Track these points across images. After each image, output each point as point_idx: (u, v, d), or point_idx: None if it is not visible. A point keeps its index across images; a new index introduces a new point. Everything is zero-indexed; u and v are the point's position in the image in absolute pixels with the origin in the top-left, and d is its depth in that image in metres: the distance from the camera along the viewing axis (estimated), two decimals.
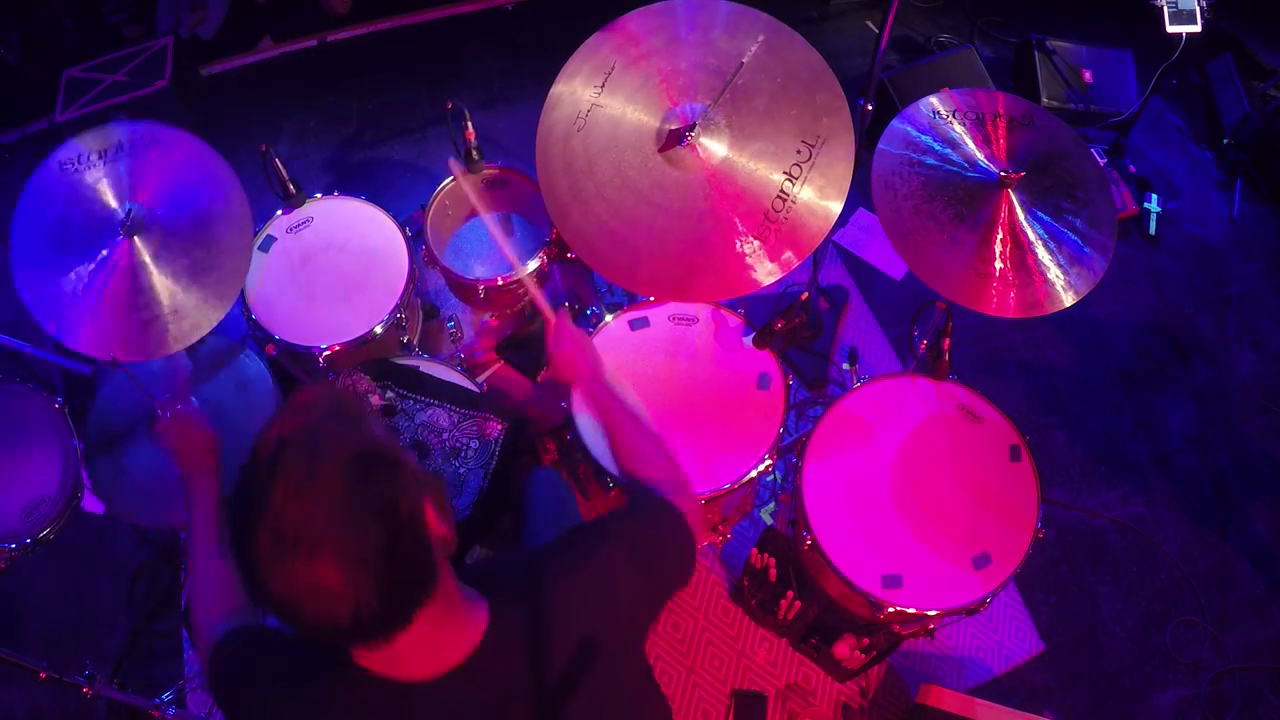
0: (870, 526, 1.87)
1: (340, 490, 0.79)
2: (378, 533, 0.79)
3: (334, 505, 0.78)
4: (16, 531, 1.75)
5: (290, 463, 0.79)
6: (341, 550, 0.78)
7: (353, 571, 0.78)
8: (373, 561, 0.79)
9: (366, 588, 0.79)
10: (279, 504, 0.77)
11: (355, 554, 0.78)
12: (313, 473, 0.79)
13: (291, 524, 0.77)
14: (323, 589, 0.78)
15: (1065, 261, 1.74)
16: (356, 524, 0.79)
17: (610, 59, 1.80)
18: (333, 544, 0.77)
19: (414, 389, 2.00)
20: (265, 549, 0.78)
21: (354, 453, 0.81)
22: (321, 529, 0.77)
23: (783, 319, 1.92)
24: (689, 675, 2.27)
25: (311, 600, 0.78)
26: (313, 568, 0.77)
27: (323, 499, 0.78)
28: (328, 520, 0.77)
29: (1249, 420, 2.80)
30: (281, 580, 0.78)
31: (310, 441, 0.81)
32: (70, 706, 2.29)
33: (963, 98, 1.86)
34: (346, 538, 0.78)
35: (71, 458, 1.84)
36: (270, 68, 3.71)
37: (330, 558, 0.77)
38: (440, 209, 2.36)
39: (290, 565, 0.77)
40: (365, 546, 0.79)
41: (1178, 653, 2.38)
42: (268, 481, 0.78)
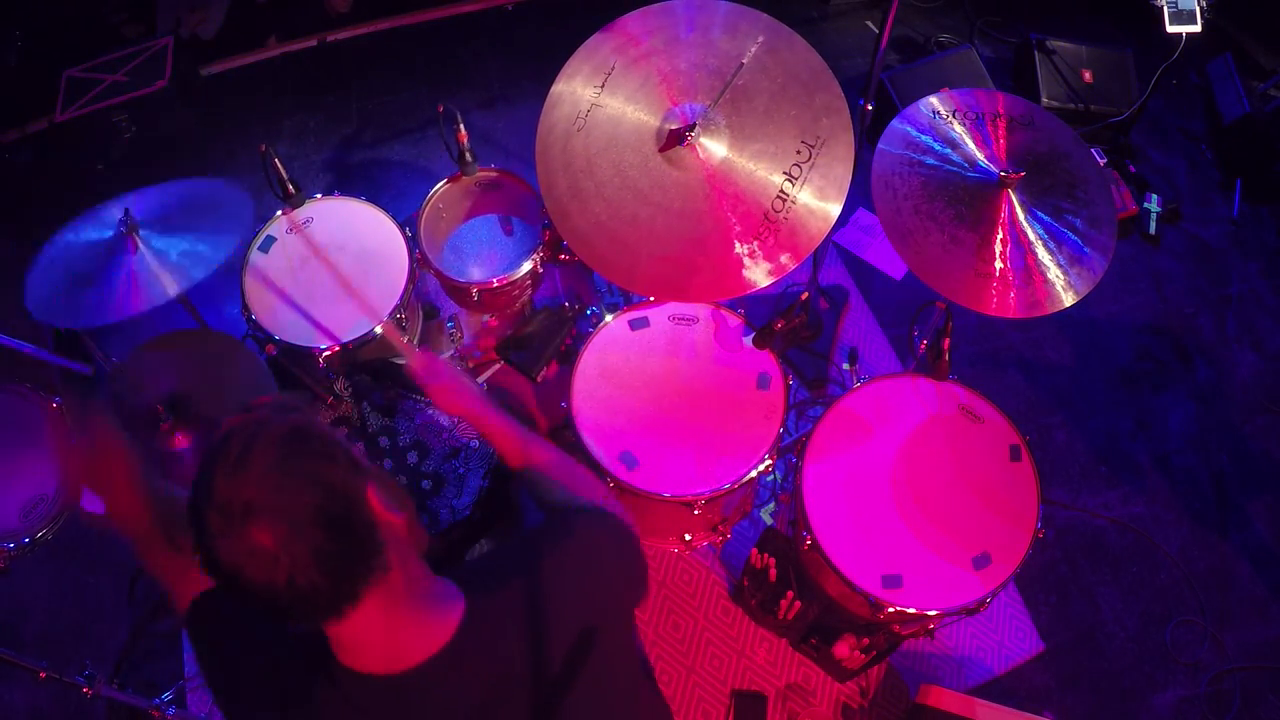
0: (870, 526, 1.87)
1: (270, 461, 0.83)
2: (309, 497, 0.83)
3: (264, 473, 0.83)
4: (15, 531, 1.75)
5: (229, 448, 0.84)
6: (273, 514, 0.82)
7: (285, 535, 0.82)
8: (305, 526, 0.83)
9: (302, 553, 0.82)
10: (218, 486, 0.82)
11: (286, 516, 0.82)
12: (247, 450, 0.84)
13: (229, 500, 0.81)
14: (258, 551, 0.81)
15: (1065, 261, 1.74)
16: (286, 489, 0.83)
17: (610, 59, 1.80)
18: (265, 509, 0.81)
19: (414, 389, 2.00)
20: (213, 527, 0.82)
21: (286, 430, 0.86)
22: (254, 496, 0.82)
23: (783, 319, 1.92)
24: (689, 675, 2.27)
25: (250, 565, 0.82)
26: (249, 533, 0.81)
27: (255, 470, 0.83)
28: (258, 487, 0.82)
29: (1249, 420, 2.80)
30: (226, 550, 0.82)
31: (248, 428, 0.86)
32: (70, 706, 2.29)
33: (963, 98, 1.86)
34: (278, 502, 0.82)
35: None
36: (270, 68, 3.70)
37: (264, 522, 0.81)
38: (433, 212, 2.35)
39: (232, 535, 0.81)
40: (295, 510, 0.83)
41: (1178, 653, 2.38)
42: (210, 469, 0.83)
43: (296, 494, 0.83)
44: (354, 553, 0.87)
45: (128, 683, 2.24)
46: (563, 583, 1.04)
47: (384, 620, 0.91)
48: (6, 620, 2.45)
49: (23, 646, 2.32)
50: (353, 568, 0.87)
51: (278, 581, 0.82)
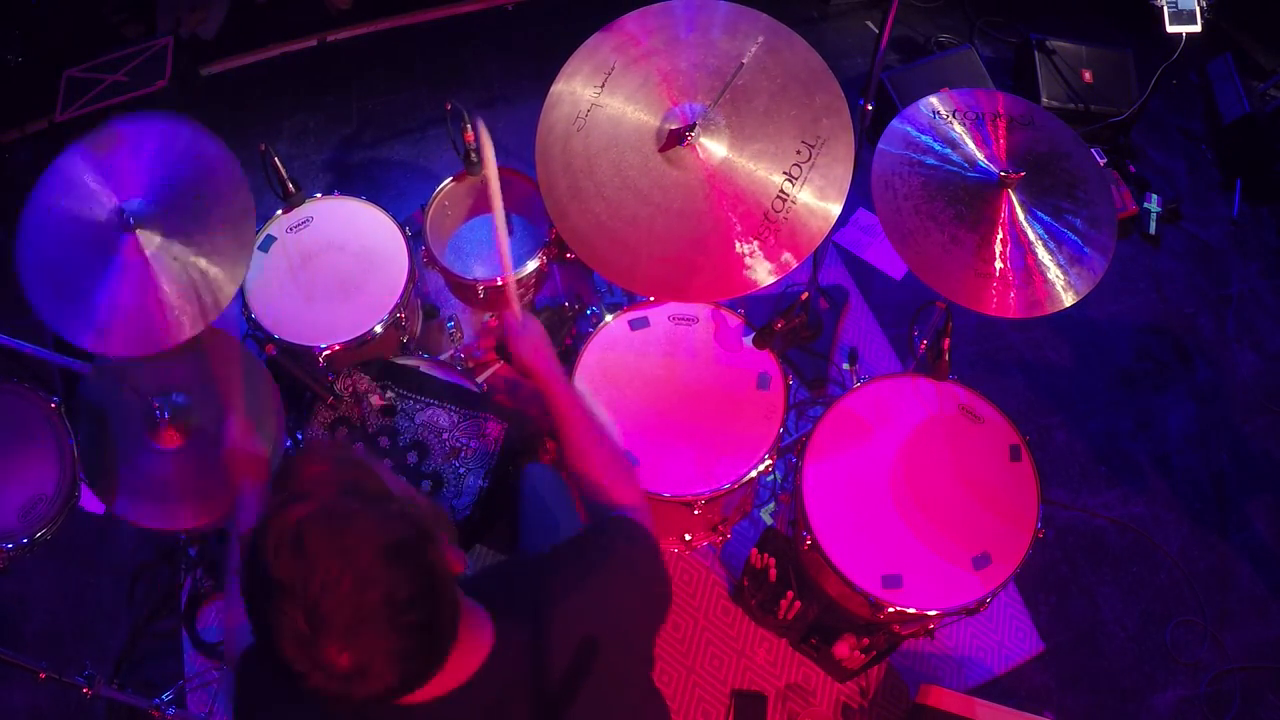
0: (870, 526, 1.87)
1: (383, 586, 0.78)
2: (418, 615, 0.80)
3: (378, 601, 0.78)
4: (14, 531, 1.75)
5: (319, 550, 0.78)
6: (387, 642, 0.78)
7: (396, 658, 0.79)
8: (413, 642, 0.80)
9: (410, 662, 0.81)
10: (314, 594, 0.76)
11: (399, 643, 0.79)
12: (348, 565, 0.77)
13: (331, 616, 0.76)
14: (360, 670, 0.78)
15: (1065, 261, 1.74)
16: (399, 611, 0.79)
17: (610, 59, 1.80)
18: (378, 639, 0.78)
19: (414, 389, 2.00)
20: (293, 632, 0.77)
21: (388, 542, 0.81)
22: (364, 620, 0.77)
23: (783, 319, 1.92)
24: (689, 675, 2.27)
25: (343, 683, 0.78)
26: (353, 658, 0.77)
27: (364, 594, 0.77)
28: (372, 616, 0.77)
29: (1249, 420, 2.80)
30: (311, 662, 0.77)
31: (335, 525, 0.80)
32: (70, 706, 2.29)
33: (963, 98, 1.86)
34: (391, 630, 0.78)
35: (68, 457, 1.84)
36: (270, 68, 3.70)
37: (375, 650, 0.78)
38: (439, 209, 2.36)
39: (325, 651, 0.77)
40: (407, 632, 0.80)
41: (1178, 653, 2.38)
42: (295, 568, 0.77)
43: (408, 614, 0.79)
44: (446, 632, 0.85)
45: (128, 683, 2.24)
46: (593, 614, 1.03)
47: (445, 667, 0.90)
48: (7, 620, 2.45)
49: (23, 646, 2.32)
50: (445, 645, 0.86)
51: (374, 690, 0.79)
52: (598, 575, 1.07)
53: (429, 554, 0.83)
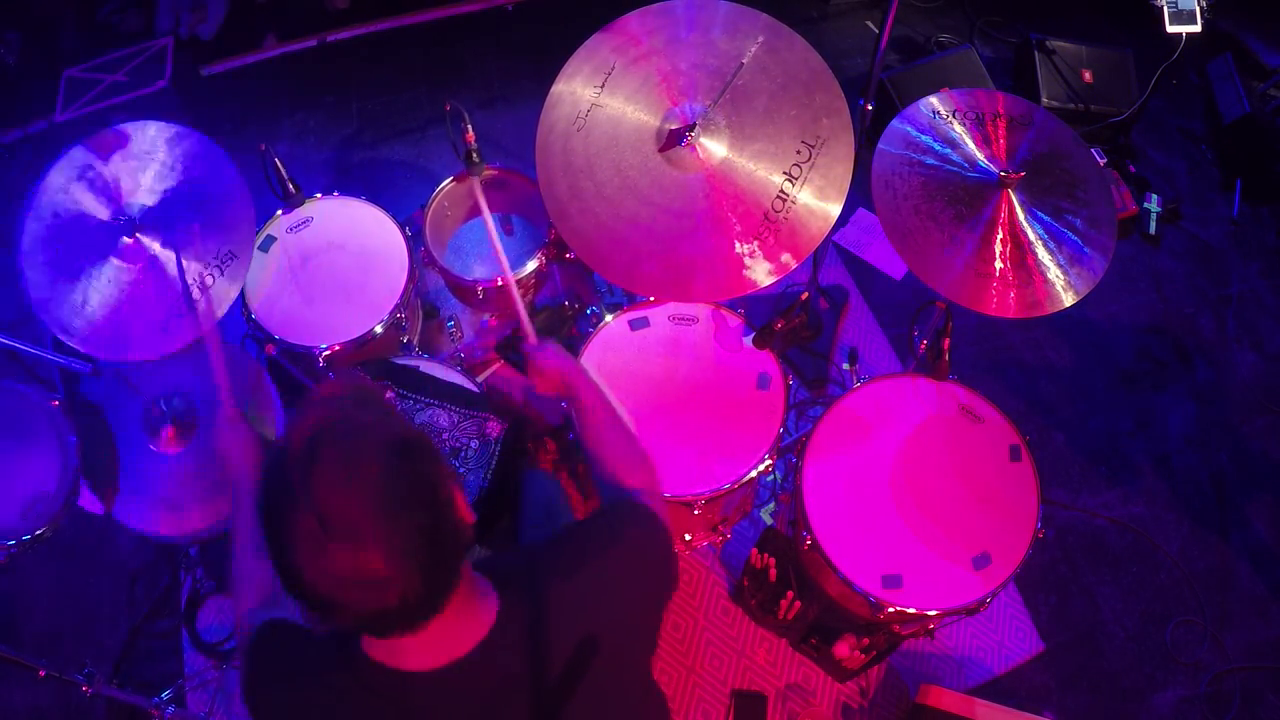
0: (870, 526, 1.87)
1: (384, 479, 0.80)
2: (421, 518, 0.81)
3: (378, 494, 0.79)
4: (15, 529, 1.75)
5: (329, 453, 0.80)
6: (388, 538, 0.79)
7: (399, 558, 0.79)
8: (417, 548, 0.81)
9: (412, 573, 0.81)
10: (322, 496, 0.78)
11: (401, 541, 0.80)
12: (354, 463, 0.80)
13: (337, 514, 0.78)
14: (370, 577, 0.79)
15: (1065, 261, 1.74)
16: (402, 511, 0.80)
17: (610, 59, 1.80)
18: (380, 533, 0.79)
19: (414, 389, 2.00)
20: (306, 540, 0.78)
21: (392, 441, 0.83)
22: (368, 517, 0.78)
23: (783, 319, 1.92)
24: (689, 675, 2.27)
25: (358, 589, 0.79)
26: (360, 556, 0.78)
27: (367, 487, 0.79)
28: (373, 508, 0.79)
29: (1249, 420, 2.80)
30: (324, 571, 0.79)
31: (346, 432, 0.82)
32: (70, 705, 2.29)
33: (963, 98, 1.86)
34: (393, 525, 0.79)
35: (69, 456, 1.84)
36: (270, 68, 3.70)
37: (378, 546, 0.78)
38: (439, 210, 2.35)
39: (335, 555, 0.78)
40: (410, 533, 0.80)
41: (1178, 653, 2.38)
42: (306, 474, 0.79)
43: (412, 516, 0.80)
44: (450, 562, 0.86)
45: (127, 682, 2.25)
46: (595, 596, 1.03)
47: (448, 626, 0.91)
48: (6, 619, 2.45)
49: (23, 645, 2.32)
50: (450, 577, 0.87)
51: (387, 603, 0.80)
52: (606, 557, 1.08)
53: (434, 466, 0.85)
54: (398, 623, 0.85)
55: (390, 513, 0.79)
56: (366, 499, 0.79)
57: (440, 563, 0.84)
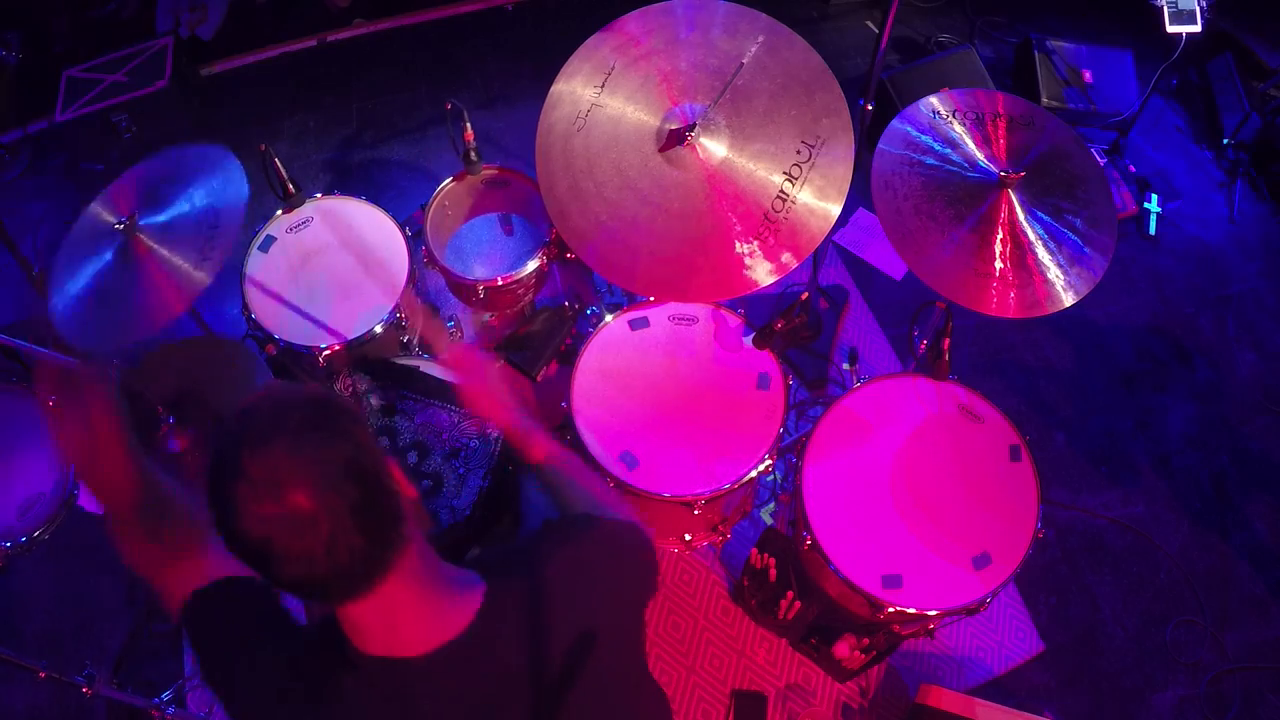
0: (870, 526, 1.87)
1: (297, 427, 0.82)
2: (342, 453, 0.82)
3: (292, 440, 0.81)
4: (13, 530, 1.75)
5: (252, 421, 0.83)
6: (309, 473, 0.80)
7: (323, 492, 0.80)
8: (342, 482, 0.81)
9: (340, 509, 0.81)
10: (246, 459, 0.80)
11: (323, 474, 0.81)
12: (273, 424, 0.82)
13: (260, 470, 0.79)
14: (296, 514, 0.79)
15: (1065, 261, 1.74)
16: (316, 448, 0.81)
17: (610, 59, 1.80)
18: (300, 471, 0.80)
19: (414, 389, 2.00)
20: (240, 503, 0.79)
21: (306, 398, 0.86)
22: (286, 462, 0.80)
23: (783, 319, 1.92)
24: (689, 675, 2.27)
25: (286, 532, 0.79)
26: (284, 498, 0.79)
27: (285, 435, 0.81)
28: (291, 452, 0.80)
29: (1249, 420, 2.80)
30: (258, 518, 0.79)
31: (269, 403, 0.85)
32: (70, 706, 2.29)
33: (963, 98, 1.86)
34: (312, 460, 0.81)
35: None
36: (270, 68, 3.70)
37: (300, 482, 0.79)
38: (439, 209, 2.35)
39: (265, 501, 0.79)
40: (331, 468, 0.81)
41: (1178, 653, 2.38)
42: (235, 445, 0.81)
43: (330, 450, 0.82)
44: (385, 512, 0.86)
45: (127, 682, 2.24)
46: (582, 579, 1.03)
47: (407, 598, 0.90)
48: (6, 620, 2.44)
49: (23, 646, 2.32)
50: (385, 528, 0.86)
51: (316, 547, 0.80)
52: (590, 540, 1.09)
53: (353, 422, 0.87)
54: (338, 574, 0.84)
55: (305, 451, 0.81)
56: (282, 448, 0.81)
57: (372, 504, 0.84)
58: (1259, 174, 3.30)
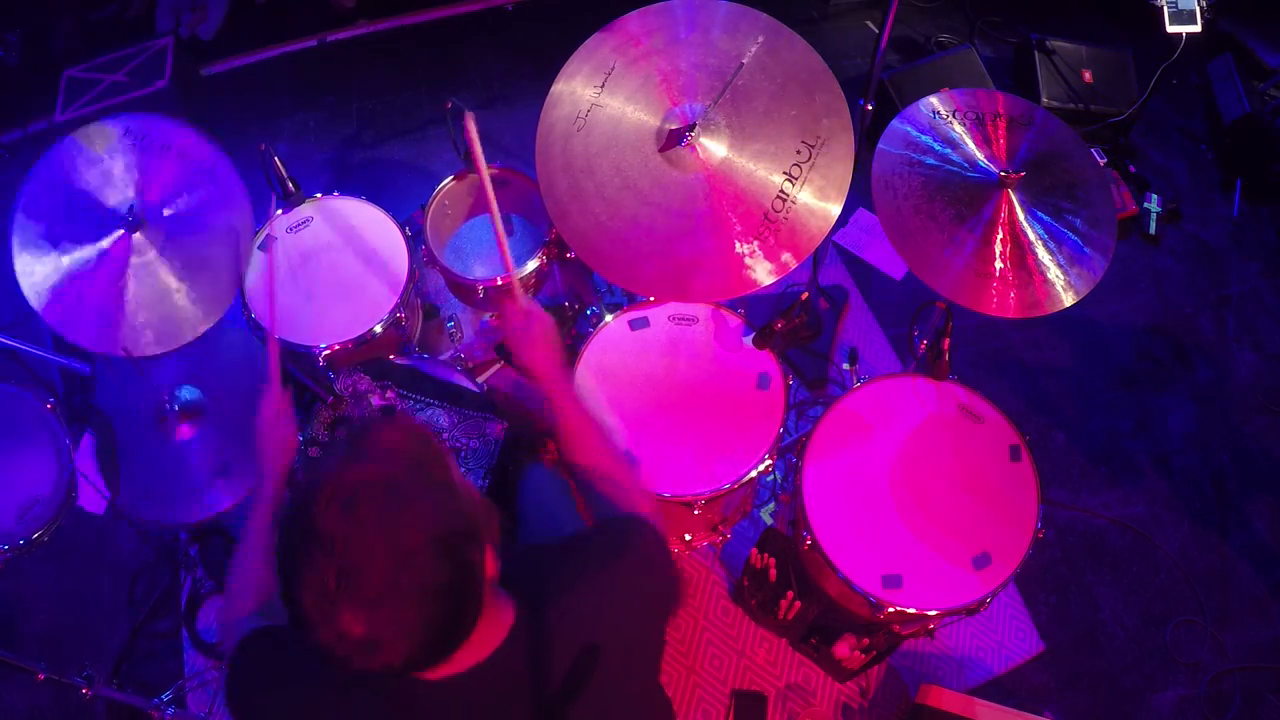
0: (870, 526, 1.87)
1: (421, 567, 0.78)
2: (446, 604, 0.80)
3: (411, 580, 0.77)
4: (12, 533, 1.75)
5: (370, 514, 0.78)
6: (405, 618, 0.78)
7: (413, 630, 0.79)
8: (435, 625, 0.80)
9: (425, 642, 0.80)
10: (353, 554, 0.76)
11: (417, 624, 0.79)
12: (393, 537, 0.77)
13: (359, 578, 0.76)
14: (375, 641, 0.77)
15: (1065, 261, 1.74)
16: (427, 600, 0.79)
17: (610, 59, 1.80)
18: (396, 611, 0.77)
19: (414, 389, 1.99)
20: (318, 588, 0.77)
21: (440, 532, 0.80)
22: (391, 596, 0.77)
23: (783, 319, 1.92)
24: (689, 675, 2.27)
25: (360, 649, 0.78)
26: (368, 625, 0.77)
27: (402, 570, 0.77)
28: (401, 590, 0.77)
29: (1249, 420, 2.80)
30: (329, 624, 0.77)
31: (395, 501, 0.80)
32: (70, 706, 2.29)
33: (963, 98, 1.86)
34: (413, 609, 0.78)
35: (65, 458, 1.84)
36: (270, 68, 3.71)
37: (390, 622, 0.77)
38: (439, 209, 2.35)
39: (343, 613, 0.77)
40: (430, 615, 0.79)
41: (1178, 653, 2.38)
42: (341, 525, 0.77)
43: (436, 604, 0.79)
44: (463, 623, 0.85)
45: (127, 683, 2.25)
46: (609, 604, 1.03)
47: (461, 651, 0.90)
48: (7, 620, 2.45)
49: (22, 647, 2.32)
50: (458, 636, 0.86)
51: (390, 662, 0.79)
52: (611, 570, 1.07)
53: (472, 553, 0.84)
54: (397, 675, 0.84)
55: (414, 598, 0.78)
56: (397, 583, 0.77)
57: (452, 634, 0.83)
58: (1259, 174, 3.29)
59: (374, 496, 0.79)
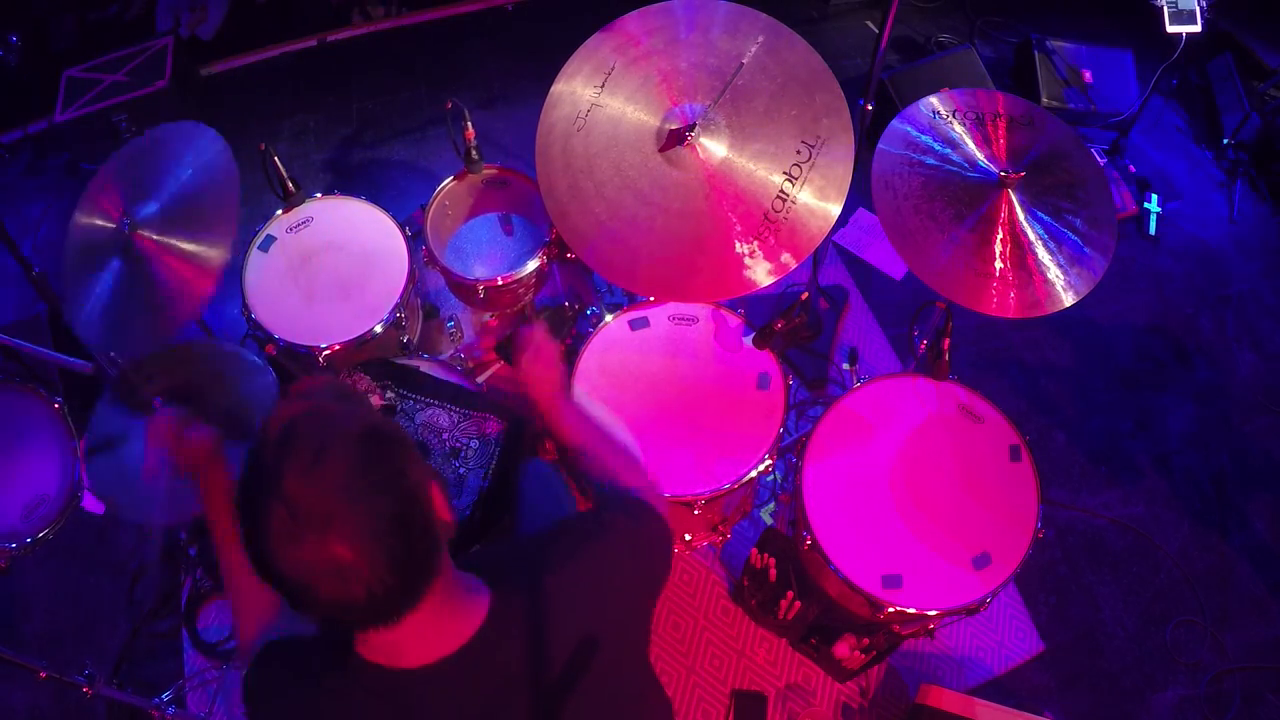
0: (870, 526, 1.87)
1: (350, 466, 0.80)
2: (388, 505, 0.81)
3: (345, 481, 0.80)
4: (17, 531, 1.75)
5: (300, 443, 0.81)
6: (355, 525, 0.79)
7: (366, 546, 0.80)
8: (384, 535, 0.81)
9: (380, 562, 0.81)
10: (290, 484, 0.79)
11: (368, 528, 0.80)
12: (322, 451, 0.80)
13: (304, 502, 0.78)
14: (338, 565, 0.79)
15: (1065, 261, 1.74)
16: (367, 498, 0.80)
17: (610, 59, 1.80)
18: (346, 519, 0.79)
19: (414, 389, 2.00)
20: (278, 529, 0.79)
21: (361, 430, 0.84)
22: (334, 505, 0.79)
23: (783, 319, 1.92)
24: (689, 675, 2.27)
25: (327, 578, 0.80)
26: (327, 544, 0.78)
27: (334, 475, 0.80)
28: (340, 496, 0.79)
29: (1249, 420, 2.80)
30: (295, 560, 0.79)
31: (318, 422, 0.83)
32: (70, 706, 2.29)
33: (963, 98, 1.86)
34: (359, 512, 0.80)
35: (70, 458, 1.84)
36: (270, 68, 3.71)
37: (344, 533, 0.79)
38: (440, 209, 2.35)
39: (304, 543, 0.78)
40: (377, 520, 0.80)
41: (1178, 653, 2.38)
42: (278, 463, 0.80)
43: (379, 502, 0.81)
44: (422, 552, 0.86)
45: (127, 683, 2.24)
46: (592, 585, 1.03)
47: (431, 622, 0.91)
48: (7, 620, 2.45)
49: (23, 646, 2.32)
50: (421, 569, 0.86)
51: (354, 595, 0.80)
52: (597, 549, 1.08)
53: (404, 456, 0.85)
54: (372, 613, 0.85)
55: (356, 500, 0.80)
56: (333, 487, 0.79)
57: (412, 553, 0.84)
58: (1259, 174, 3.30)
59: (299, 428, 0.82)
